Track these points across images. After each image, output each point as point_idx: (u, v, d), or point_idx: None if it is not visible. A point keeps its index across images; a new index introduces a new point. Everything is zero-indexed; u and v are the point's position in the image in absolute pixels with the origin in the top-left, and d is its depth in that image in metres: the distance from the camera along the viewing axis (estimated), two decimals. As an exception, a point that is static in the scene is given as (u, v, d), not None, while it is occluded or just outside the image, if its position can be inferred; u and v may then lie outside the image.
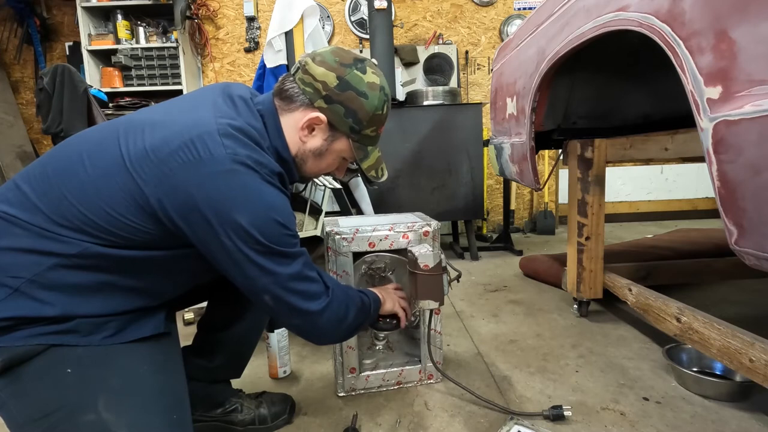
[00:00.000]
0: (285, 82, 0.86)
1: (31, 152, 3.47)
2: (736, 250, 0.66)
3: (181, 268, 0.81)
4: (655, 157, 1.39)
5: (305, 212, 2.10)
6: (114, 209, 0.69)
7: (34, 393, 0.67)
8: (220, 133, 0.71)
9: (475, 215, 2.88)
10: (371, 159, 0.93)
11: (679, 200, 3.94)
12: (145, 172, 0.69)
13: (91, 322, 0.71)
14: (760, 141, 0.58)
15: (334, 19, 3.58)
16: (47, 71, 1.91)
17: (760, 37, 0.58)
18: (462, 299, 2.04)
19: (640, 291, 1.42)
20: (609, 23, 0.95)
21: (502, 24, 3.60)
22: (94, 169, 0.71)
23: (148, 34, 3.28)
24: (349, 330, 0.91)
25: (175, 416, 0.74)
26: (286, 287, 0.77)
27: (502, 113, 1.77)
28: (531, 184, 1.57)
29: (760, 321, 1.64)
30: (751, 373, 0.94)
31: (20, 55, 3.51)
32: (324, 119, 0.84)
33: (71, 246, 0.69)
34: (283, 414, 1.10)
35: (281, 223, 0.75)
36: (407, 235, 1.19)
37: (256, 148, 0.76)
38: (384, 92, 0.87)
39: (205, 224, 0.70)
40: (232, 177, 0.70)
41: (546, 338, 1.56)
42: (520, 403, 1.16)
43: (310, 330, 0.85)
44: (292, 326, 0.85)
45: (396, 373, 1.26)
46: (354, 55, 0.86)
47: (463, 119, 2.75)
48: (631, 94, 1.63)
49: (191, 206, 0.69)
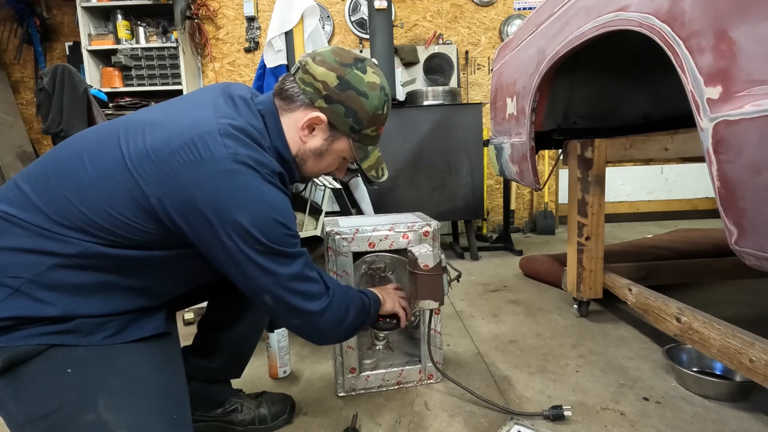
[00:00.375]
0: (285, 82, 0.86)
1: (31, 152, 3.46)
2: (736, 250, 0.66)
3: (181, 268, 0.81)
4: (655, 157, 1.39)
5: (305, 212, 2.10)
6: (114, 209, 0.69)
7: (35, 393, 0.67)
8: (221, 133, 0.71)
9: (475, 215, 2.88)
10: (371, 159, 0.93)
11: (679, 200, 3.94)
12: (145, 171, 0.69)
13: (91, 322, 0.71)
14: (760, 141, 0.58)
15: (334, 19, 3.58)
16: (47, 71, 1.91)
17: (760, 37, 0.58)
18: (462, 299, 2.04)
19: (640, 291, 1.42)
20: (609, 23, 0.95)
21: (502, 24, 3.60)
22: (95, 168, 0.71)
23: (148, 34, 3.28)
24: (349, 330, 0.91)
25: (175, 416, 0.74)
26: (286, 287, 0.77)
27: (502, 113, 1.77)
28: (531, 184, 1.57)
29: (760, 321, 1.64)
30: (751, 373, 0.94)
31: (20, 55, 3.51)
32: (324, 119, 0.84)
33: (71, 246, 0.69)
34: (283, 414, 1.10)
35: (282, 223, 0.75)
36: (407, 235, 1.19)
37: (257, 148, 0.76)
38: (384, 92, 0.87)
39: (206, 224, 0.70)
40: (233, 177, 0.70)
41: (546, 338, 1.56)
42: (520, 403, 1.16)
43: (311, 330, 0.85)
44: (293, 326, 0.85)
45: (396, 373, 1.26)
46: (354, 54, 0.86)
47: (463, 119, 2.75)
48: (631, 94, 1.63)
49: (192, 206, 0.69)
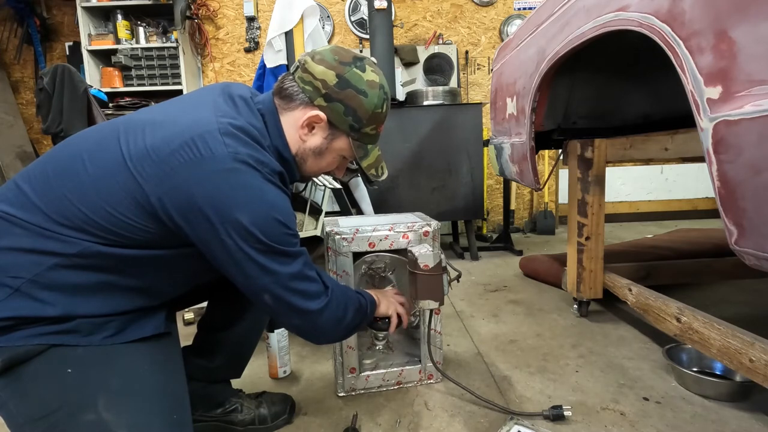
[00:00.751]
0: (284, 81, 0.86)
1: (31, 152, 3.46)
2: (736, 250, 0.66)
3: (181, 267, 0.81)
4: (655, 157, 1.39)
5: (305, 212, 2.10)
6: (114, 208, 0.69)
7: (35, 393, 0.67)
8: (221, 132, 0.71)
9: (475, 215, 2.88)
10: (371, 157, 0.93)
11: (679, 200, 3.94)
12: (145, 171, 0.69)
13: (91, 322, 0.71)
14: (760, 141, 0.58)
15: (334, 19, 3.58)
16: (47, 71, 1.91)
17: (760, 37, 0.58)
18: (462, 299, 2.04)
19: (640, 291, 1.42)
20: (609, 23, 0.95)
21: (502, 24, 3.60)
22: (95, 168, 0.71)
23: (148, 34, 3.28)
24: (347, 329, 0.92)
25: (175, 416, 0.74)
26: (286, 286, 0.77)
27: (502, 113, 1.77)
28: (531, 184, 1.57)
29: (760, 321, 1.64)
30: (751, 373, 0.94)
31: (20, 55, 3.51)
32: (324, 117, 0.84)
33: (71, 245, 0.69)
34: (283, 414, 1.10)
35: (282, 222, 0.75)
36: (407, 235, 1.19)
37: (257, 146, 0.76)
38: (383, 90, 0.87)
39: (206, 223, 0.70)
40: (234, 176, 0.70)
41: (546, 338, 1.56)
42: (520, 403, 1.16)
43: (310, 329, 0.85)
44: (292, 326, 0.85)
45: (396, 373, 1.26)
46: (353, 53, 0.86)
47: (463, 119, 2.75)
48: (631, 94, 1.63)
49: (192, 205, 0.69)
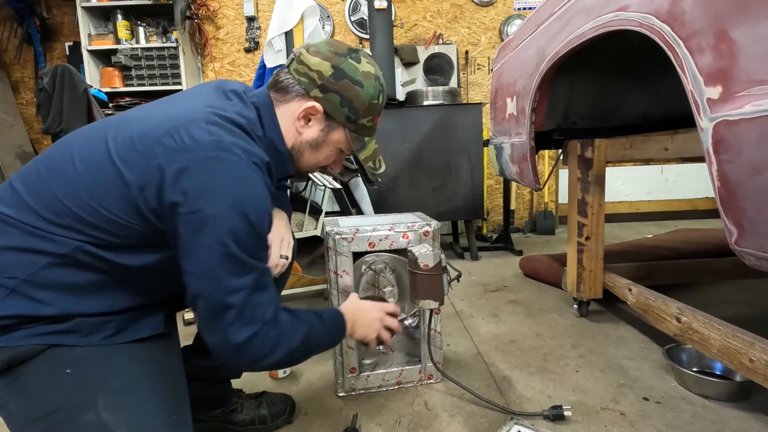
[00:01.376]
0: (279, 74, 0.85)
1: (31, 152, 3.46)
2: (736, 250, 0.66)
3: (173, 273, 0.77)
4: (655, 157, 1.39)
5: (305, 212, 2.10)
6: (100, 204, 0.69)
7: (34, 393, 0.67)
8: (206, 121, 0.70)
9: (475, 215, 2.88)
10: (368, 150, 0.92)
11: (679, 200, 3.94)
12: (130, 161, 0.68)
13: (90, 321, 0.71)
14: (760, 141, 0.58)
15: (334, 19, 3.58)
16: (47, 71, 1.91)
17: (760, 37, 0.58)
18: (462, 299, 2.04)
19: (640, 291, 1.42)
20: (609, 23, 0.95)
21: (502, 24, 3.60)
22: (83, 165, 0.71)
23: (148, 34, 3.28)
24: (276, 364, 0.79)
25: (175, 416, 0.74)
26: (220, 300, 0.69)
27: (502, 113, 1.77)
28: (531, 184, 1.57)
29: (760, 321, 1.64)
30: (751, 373, 0.94)
31: (20, 55, 3.51)
32: (320, 108, 0.83)
33: (63, 245, 0.69)
34: (283, 414, 1.10)
35: (251, 222, 0.69)
36: (407, 235, 1.19)
37: (244, 135, 0.74)
38: (379, 82, 0.87)
39: (172, 210, 0.67)
40: (214, 164, 0.68)
41: (546, 338, 1.56)
42: (520, 403, 1.16)
43: (222, 352, 0.72)
44: (208, 342, 0.73)
45: (396, 373, 1.26)
46: (348, 45, 0.86)
47: (463, 119, 2.75)
48: (631, 94, 1.63)
49: (166, 191, 0.67)
